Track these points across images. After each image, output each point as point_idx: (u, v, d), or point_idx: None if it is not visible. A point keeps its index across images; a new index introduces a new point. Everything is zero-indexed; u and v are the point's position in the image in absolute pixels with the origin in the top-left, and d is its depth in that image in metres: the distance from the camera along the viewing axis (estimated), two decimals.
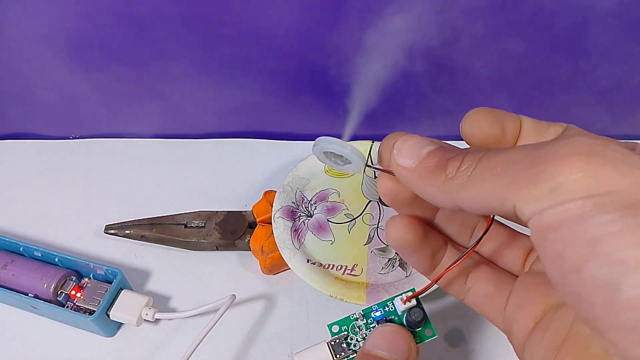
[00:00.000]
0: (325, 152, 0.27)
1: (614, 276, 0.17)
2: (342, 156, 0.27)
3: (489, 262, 0.28)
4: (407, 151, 0.23)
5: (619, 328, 0.17)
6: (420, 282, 0.39)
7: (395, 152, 0.24)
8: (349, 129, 0.31)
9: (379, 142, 0.47)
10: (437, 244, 0.28)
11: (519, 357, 0.25)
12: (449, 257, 0.28)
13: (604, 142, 0.18)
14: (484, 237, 0.25)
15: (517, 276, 0.27)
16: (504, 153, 0.20)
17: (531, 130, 0.25)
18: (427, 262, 0.28)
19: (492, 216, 0.25)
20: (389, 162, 0.24)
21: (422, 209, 0.27)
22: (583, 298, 0.18)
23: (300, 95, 0.49)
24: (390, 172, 0.25)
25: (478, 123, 0.24)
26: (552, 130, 0.24)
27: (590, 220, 0.17)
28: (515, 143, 0.25)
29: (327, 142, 0.26)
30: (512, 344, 0.26)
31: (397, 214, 0.27)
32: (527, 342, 0.24)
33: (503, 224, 0.28)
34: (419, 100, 0.49)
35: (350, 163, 0.27)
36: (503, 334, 0.25)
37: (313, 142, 0.53)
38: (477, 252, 0.29)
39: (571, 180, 0.18)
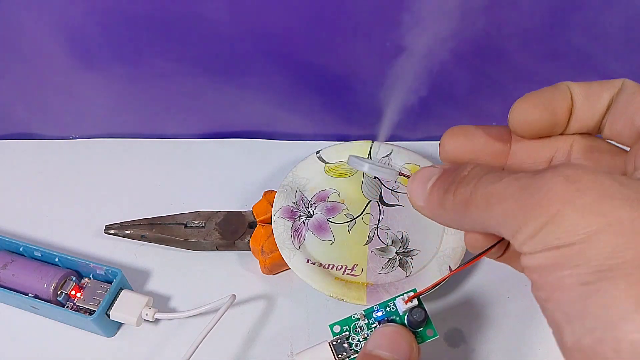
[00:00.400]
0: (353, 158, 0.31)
1: (560, 322, 0.19)
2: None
3: None
4: (416, 191, 0.26)
5: None
6: (421, 282, 0.39)
7: (409, 195, 0.27)
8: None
9: (379, 142, 0.47)
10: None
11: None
12: None
13: (579, 186, 0.19)
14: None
15: None
16: (494, 186, 0.22)
17: (584, 102, 0.25)
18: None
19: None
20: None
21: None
22: (551, 326, 0.21)
23: (300, 95, 0.49)
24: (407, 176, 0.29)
25: (526, 115, 0.25)
26: (606, 95, 0.25)
27: (550, 274, 0.19)
28: (569, 119, 0.25)
29: (359, 165, 0.30)
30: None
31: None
32: None
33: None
34: (420, 100, 0.49)
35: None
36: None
37: (313, 142, 0.54)
38: None
39: (544, 231, 0.19)
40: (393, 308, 0.30)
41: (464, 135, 0.28)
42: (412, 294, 0.29)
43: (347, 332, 0.29)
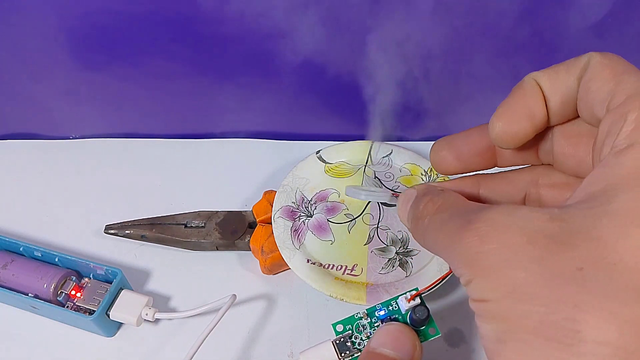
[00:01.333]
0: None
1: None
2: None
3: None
4: (401, 213, 0.29)
5: None
6: (421, 282, 0.40)
7: (399, 216, 0.29)
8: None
9: (379, 142, 0.47)
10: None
11: None
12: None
13: (489, 247, 0.20)
14: None
15: None
16: (435, 235, 0.24)
17: (554, 94, 0.24)
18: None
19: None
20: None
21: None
22: None
23: (300, 95, 0.49)
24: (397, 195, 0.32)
25: (507, 131, 0.25)
26: (572, 79, 0.23)
27: (479, 321, 0.21)
28: (548, 115, 0.25)
29: (356, 194, 0.34)
30: None
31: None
32: None
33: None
34: (420, 101, 0.49)
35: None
36: None
37: (313, 142, 0.54)
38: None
39: (470, 285, 0.21)
40: (395, 307, 0.30)
41: (447, 148, 0.29)
42: (414, 292, 0.29)
43: (350, 331, 0.29)
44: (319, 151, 0.47)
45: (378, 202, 0.44)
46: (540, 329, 0.18)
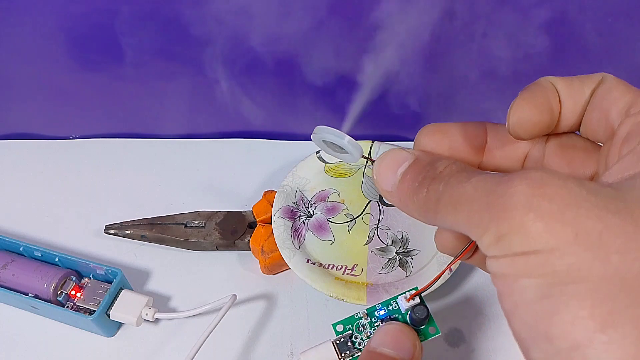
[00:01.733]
0: (324, 141, 0.28)
1: (525, 337, 0.19)
2: (339, 147, 0.28)
3: None
4: (385, 175, 0.25)
5: None
6: (421, 282, 0.40)
7: (375, 177, 0.25)
8: (348, 124, 0.31)
9: (379, 142, 0.47)
10: None
11: None
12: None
13: (548, 191, 0.19)
14: None
15: None
16: (464, 187, 0.21)
17: (568, 99, 0.24)
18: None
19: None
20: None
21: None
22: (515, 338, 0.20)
23: (300, 95, 0.49)
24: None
25: (528, 117, 0.24)
26: (587, 90, 0.24)
27: (515, 281, 0.19)
28: (559, 116, 0.25)
29: (326, 132, 0.27)
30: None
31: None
32: None
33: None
34: (420, 100, 0.49)
35: (347, 153, 0.28)
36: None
37: (313, 142, 0.54)
38: None
39: (507, 237, 0.19)
40: (395, 306, 0.30)
41: (441, 132, 0.27)
42: (413, 291, 0.29)
43: (350, 331, 0.29)
44: (319, 151, 0.47)
45: (378, 203, 0.44)
46: (613, 278, 0.17)
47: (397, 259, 0.42)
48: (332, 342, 0.29)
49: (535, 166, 0.24)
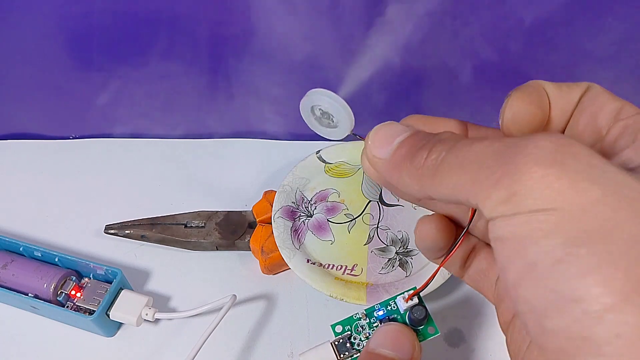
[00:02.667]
0: (313, 108, 0.26)
1: (542, 303, 0.17)
2: (329, 118, 0.26)
3: (485, 243, 0.28)
4: (380, 142, 0.23)
5: (545, 349, 0.18)
6: (421, 282, 0.39)
7: (369, 142, 0.24)
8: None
9: None
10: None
11: (504, 335, 0.25)
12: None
13: (572, 150, 0.18)
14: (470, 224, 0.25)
15: None
16: (472, 147, 0.20)
17: (557, 102, 0.24)
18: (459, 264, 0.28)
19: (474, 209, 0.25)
20: (366, 157, 0.24)
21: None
22: (518, 312, 0.18)
23: (300, 95, 0.49)
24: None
25: (524, 111, 0.23)
26: (575, 95, 0.24)
27: (533, 241, 0.17)
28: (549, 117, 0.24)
29: (320, 94, 0.25)
30: (499, 322, 0.26)
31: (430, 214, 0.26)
32: (510, 323, 0.24)
33: None
34: (419, 99, 0.49)
35: (336, 127, 0.26)
36: (503, 334, 0.25)
37: (313, 142, 0.54)
38: (472, 234, 0.28)
39: (524, 192, 0.17)
40: (394, 307, 0.30)
41: (424, 123, 0.25)
42: (412, 291, 0.29)
43: (349, 332, 0.29)
44: (319, 151, 0.47)
45: (378, 203, 0.44)
46: None
47: (397, 259, 0.42)
48: (331, 343, 0.29)
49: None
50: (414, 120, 0.26)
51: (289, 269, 0.41)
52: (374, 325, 0.29)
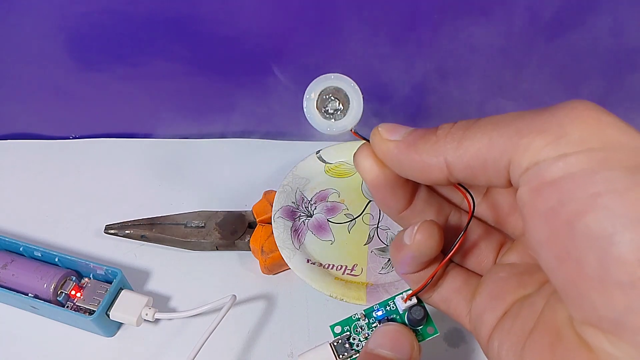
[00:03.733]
0: (322, 93, 0.26)
1: (610, 229, 0.17)
2: (336, 107, 0.26)
3: (457, 264, 0.28)
4: (391, 128, 0.23)
5: (607, 284, 0.17)
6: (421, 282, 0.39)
7: (380, 129, 0.24)
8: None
9: None
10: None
11: (484, 352, 0.25)
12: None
13: (606, 111, 0.18)
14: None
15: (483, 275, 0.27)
16: (501, 114, 0.20)
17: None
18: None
19: (472, 203, 0.25)
20: (374, 144, 0.24)
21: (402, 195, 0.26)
22: (570, 254, 0.18)
23: (300, 95, 0.49)
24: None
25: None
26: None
27: (594, 175, 0.17)
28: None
29: (339, 79, 0.25)
30: (478, 339, 0.25)
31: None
32: (494, 331, 0.24)
33: (478, 218, 0.28)
34: (421, 101, 0.49)
35: (341, 118, 0.25)
36: (485, 355, 0.25)
37: (313, 142, 0.54)
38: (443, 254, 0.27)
39: (578, 132, 0.17)
40: (393, 307, 0.30)
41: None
42: (410, 292, 0.29)
43: (348, 333, 0.29)
44: (319, 151, 0.47)
45: None
46: None
47: None
48: (330, 344, 0.29)
49: None
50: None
51: (289, 269, 0.41)
52: (373, 325, 0.29)
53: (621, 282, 0.17)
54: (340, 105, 0.26)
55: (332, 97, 0.26)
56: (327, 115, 0.26)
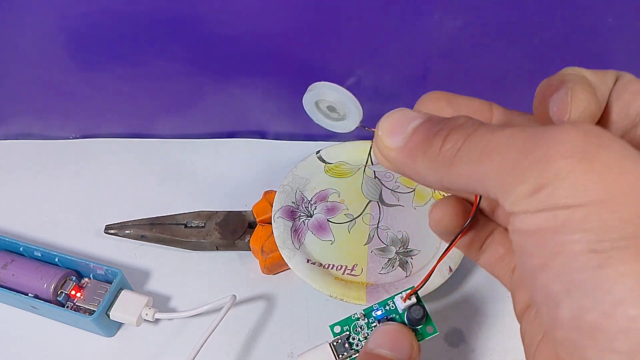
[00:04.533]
0: (318, 102, 0.25)
1: (557, 294, 0.17)
2: (335, 110, 0.25)
3: (504, 229, 0.27)
4: (391, 130, 0.22)
5: (552, 339, 0.18)
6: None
7: (380, 133, 0.22)
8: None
9: None
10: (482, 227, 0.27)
11: (519, 324, 0.25)
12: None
13: (602, 141, 0.17)
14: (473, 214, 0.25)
15: None
16: (493, 136, 0.19)
17: (597, 88, 0.23)
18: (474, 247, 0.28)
19: (479, 197, 0.24)
20: (375, 150, 0.23)
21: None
22: (535, 301, 0.18)
23: (300, 95, 0.49)
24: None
25: (586, 104, 0.22)
26: (610, 82, 0.23)
27: (558, 234, 0.17)
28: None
29: (325, 88, 0.24)
30: (514, 309, 0.25)
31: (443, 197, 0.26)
32: (525, 313, 0.24)
33: None
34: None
35: (344, 119, 0.25)
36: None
37: (313, 142, 0.54)
38: (491, 219, 0.27)
39: (551, 188, 0.17)
40: (392, 306, 0.30)
41: (446, 100, 0.24)
42: (409, 291, 0.29)
43: (348, 332, 0.29)
44: (319, 151, 0.47)
45: (378, 203, 0.44)
46: None
47: (397, 259, 0.42)
48: (330, 344, 0.29)
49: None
50: (433, 97, 0.25)
51: (289, 269, 0.41)
52: (373, 325, 0.29)
53: (561, 343, 0.17)
54: (339, 111, 0.26)
55: (329, 107, 0.25)
56: (333, 117, 0.26)
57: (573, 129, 0.17)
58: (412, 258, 0.42)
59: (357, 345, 0.29)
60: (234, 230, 0.44)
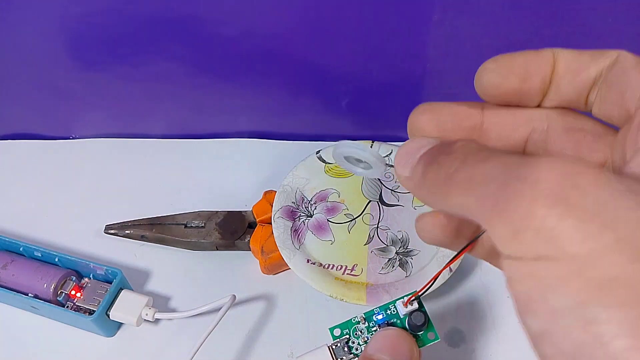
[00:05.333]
0: (345, 157, 0.27)
1: (538, 332, 0.17)
2: (362, 160, 0.27)
3: None
4: (401, 161, 0.23)
5: None
6: (421, 282, 0.39)
7: (395, 164, 0.23)
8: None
9: (379, 143, 0.47)
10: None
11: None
12: None
13: (578, 181, 0.16)
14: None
15: None
16: (478, 165, 0.19)
17: (567, 72, 0.22)
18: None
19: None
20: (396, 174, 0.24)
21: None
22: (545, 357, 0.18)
23: (300, 95, 0.49)
24: None
25: (492, 77, 0.23)
26: (594, 67, 0.22)
27: (549, 289, 0.16)
28: (548, 90, 0.23)
29: (347, 147, 0.26)
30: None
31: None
32: None
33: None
34: (419, 100, 0.48)
35: (371, 168, 0.26)
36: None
37: (313, 142, 0.54)
38: None
39: (528, 234, 0.16)
40: (394, 311, 0.29)
41: (430, 111, 0.24)
42: (411, 295, 0.29)
43: (347, 336, 0.29)
44: (319, 151, 0.47)
45: (378, 203, 0.44)
46: None
47: (397, 259, 0.42)
48: (329, 347, 0.29)
49: (549, 152, 0.22)
50: (419, 111, 0.25)
51: (289, 269, 0.41)
52: (373, 329, 0.29)
53: None
54: (365, 163, 0.26)
55: (355, 158, 0.26)
56: (361, 165, 0.27)
57: (548, 167, 0.16)
58: (412, 258, 0.42)
59: (356, 350, 0.29)
60: (234, 230, 0.44)
